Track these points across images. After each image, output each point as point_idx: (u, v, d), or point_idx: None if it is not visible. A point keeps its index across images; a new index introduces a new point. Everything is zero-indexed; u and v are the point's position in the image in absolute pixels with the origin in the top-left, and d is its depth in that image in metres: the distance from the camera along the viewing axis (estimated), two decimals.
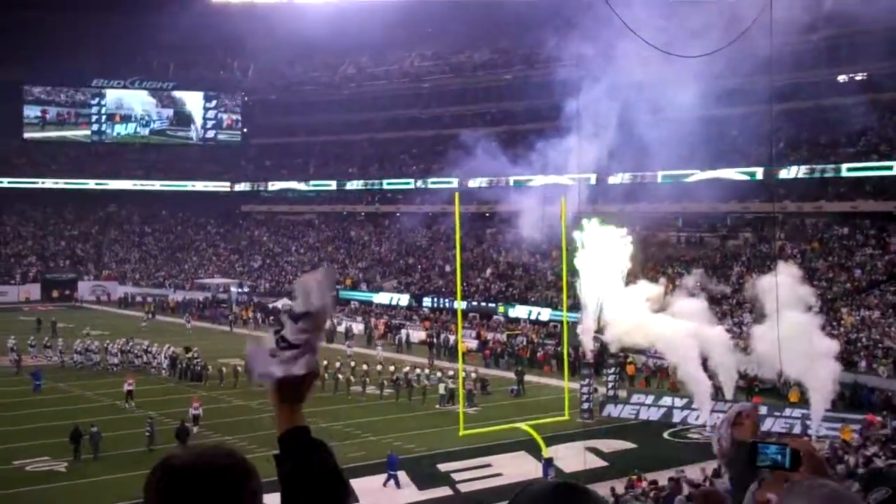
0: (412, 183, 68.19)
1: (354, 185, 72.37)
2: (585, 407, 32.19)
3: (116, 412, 31.74)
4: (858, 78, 50.52)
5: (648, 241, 48.35)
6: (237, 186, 78.91)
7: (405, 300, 55.96)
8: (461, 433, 25.37)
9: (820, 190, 48.04)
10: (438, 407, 33.53)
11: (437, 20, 66.44)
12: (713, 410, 30.37)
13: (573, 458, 25.30)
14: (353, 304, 57.57)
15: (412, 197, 67.44)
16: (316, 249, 70.36)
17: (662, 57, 28.14)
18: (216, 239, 76.96)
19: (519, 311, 49.87)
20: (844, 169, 47.27)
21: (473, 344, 45.38)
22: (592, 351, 34.26)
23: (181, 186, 78.00)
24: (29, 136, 79.12)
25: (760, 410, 30.20)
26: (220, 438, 27.01)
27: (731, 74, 41.22)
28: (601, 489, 19.16)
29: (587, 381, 32.75)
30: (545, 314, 47.96)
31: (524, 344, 44.44)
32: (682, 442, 29.64)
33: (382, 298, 56.98)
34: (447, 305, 51.92)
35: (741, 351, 31.74)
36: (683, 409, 31.94)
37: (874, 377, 34.22)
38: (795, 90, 47.23)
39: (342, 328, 50.52)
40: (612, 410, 33.00)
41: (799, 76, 47.38)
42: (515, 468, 25.14)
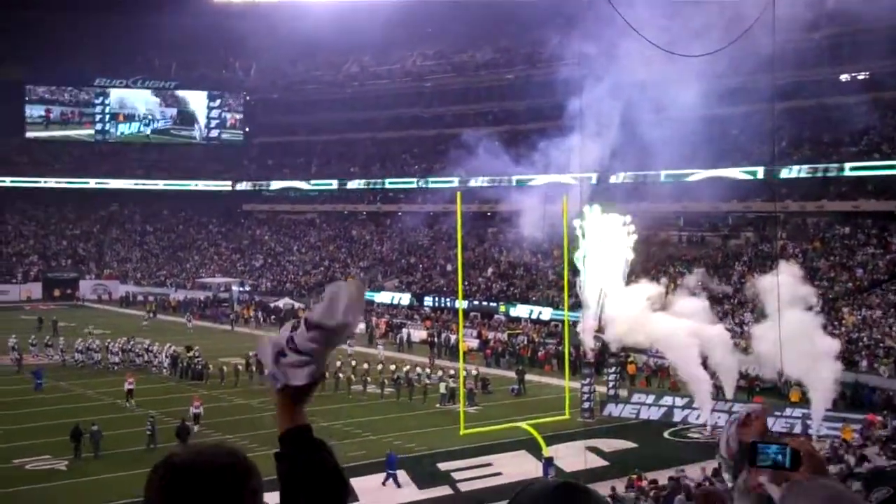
0: (414, 182, 68.19)
1: (356, 184, 72.36)
2: (586, 406, 32.14)
3: (117, 411, 31.76)
4: (861, 77, 50.51)
5: (650, 240, 48.30)
6: (239, 185, 78.89)
7: (406, 299, 55.95)
8: (462, 432, 25.35)
9: (821, 189, 48.00)
10: (439, 406, 33.51)
11: (439, 19, 66.42)
12: (714, 410, 30.36)
13: (574, 457, 25.29)
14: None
15: (414, 196, 67.44)
16: (317, 249, 70.39)
17: (665, 56, 28.13)
18: (218, 238, 76.98)
19: (520, 310, 49.84)
20: (848, 168, 47.23)
21: (474, 343, 45.35)
22: (593, 350, 34.21)
23: (183, 185, 78.00)
24: (33, 135, 79.12)
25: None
26: (220, 437, 27.01)
27: (733, 73, 41.15)
28: (602, 489, 19.16)
29: (588, 380, 32.69)
30: (546, 313, 47.93)
31: (525, 343, 44.41)
32: (682, 441, 29.61)
33: (384, 298, 56.96)
34: (448, 305, 51.89)
35: (742, 351, 31.71)
36: (684, 408, 31.91)
37: (875, 377, 34.20)
38: (798, 89, 47.18)
39: None
40: (612, 410, 32.96)
41: (801, 75, 47.33)
42: (516, 467, 25.11)
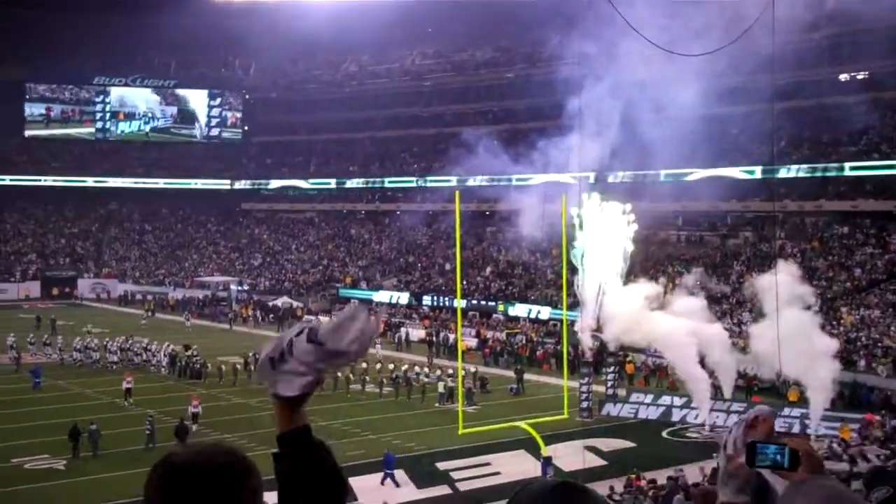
0: (413, 181, 68.16)
1: (355, 183, 72.34)
2: (584, 406, 32.13)
3: (115, 410, 31.74)
4: (860, 77, 50.51)
5: (649, 239, 48.27)
6: (237, 184, 78.87)
7: (405, 298, 55.92)
8: (460, 432, 25.36)
9: (820, 189, 48.00)
10: (438, 405, 33.50)
11: (438, 18, 66.38)
12: (712, 409, 30.37)
13: (572, 456, 25.30)
14: (352, 302, 57.62)
15: (413, 195, 67.42)
16: (316, 248, 70.37)
17: (664, 55, 28.11)
18: (216, 237, 76.94)
19: (518, 309, 49.82)
20: (847, 168, 47.21)
21: (473, 342, 45.33)
22: (591, 350, 34.17)
23: (181, 184, 77.93)
24: (34, 133, 79.03)
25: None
26: (219, 436, 27.00)
27: (733, 73, 41.11)
28: (600, 488, 19.17)
29: (586, 379, 32.68)
30: (545, 313, 47.91)
31: (524, 342, 44.42)
32: (680, 441, 29.60)
33: (382, 297, 56.97)
34: (447, 304, 51.88)
35: (740, 351, 31.69)
36: (682, 408, 31.91)
37: (873, 376, 34.22)
38: (797, 89, 47.17)
39: None
40: (611, 409, 32.94)
41: (801, 75, 47.33)
42: (514, 467, 25.11)
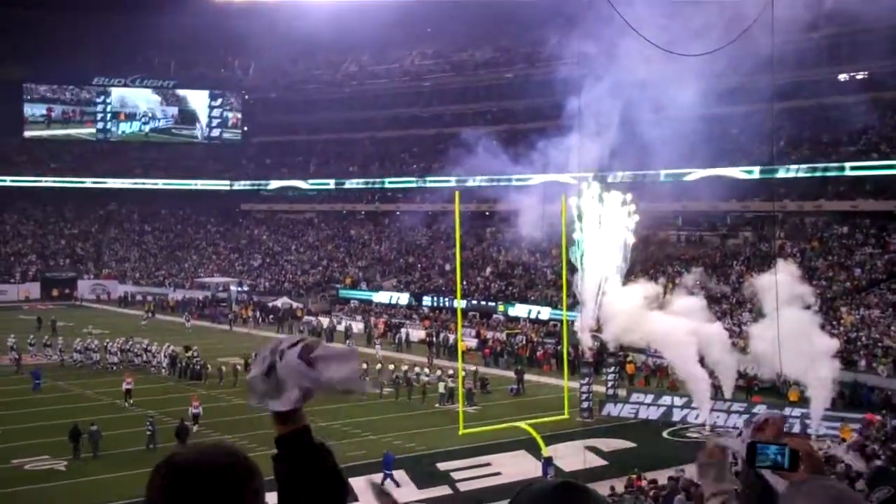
0: (413, 182, 68.13)
1: (355, 183, 72.32)
2: (585, 406, 32.13)
3: (116, 411, 31.74)
4: (860, 76, 50.49)
5: (649, 239, 48.27)
6: (237, 185, 78.86)
7: (405, 299, 55.91)
8: (461, 432, 25.36)
9: (820, 189, 47.99)
10: (438, 406, 33.49)
11: (438, 19, 66.35)
12: (712, 409, 30.36)
13: (573, 457, 25.29)
14: (352, 302, 57.60)
15: (412, 195, 67.41)
16: (316, 248, 70.36)
17: (664, 55, 28.10)
18: (216, 238, 76.92)
19: (519, 309, 49.81)
20: (848, 168, 47.18)
21: (473, 343, 45.32)
22: (591, 350, 34.16)
23: (181, 185, 77.91)
24: (34, 133, 78.98)
25: (759, 410, 30.20)
26: (219, 437, 26.99)
27: (732, 73, 41.10)
28: (601, 488, 19.15)
29: (587, 380, 32.66)
30: (545, 313, 47.90)
31: (524, 343, 44.40)
32: (681, 441, 29.58)
33: (382, 297, 56.95)
34: (447, 304, 51.87)
35: (740, 351, 31.68)
36: (683, 408, 31.90)
37: (874, 376, 34.21)
38: (797, 89, 47.16)
39: (342, 327, 50.67)
40: (611, 409, 32.93)
41: (800, 75, 47.32)
42: (515, 467, 25.11)
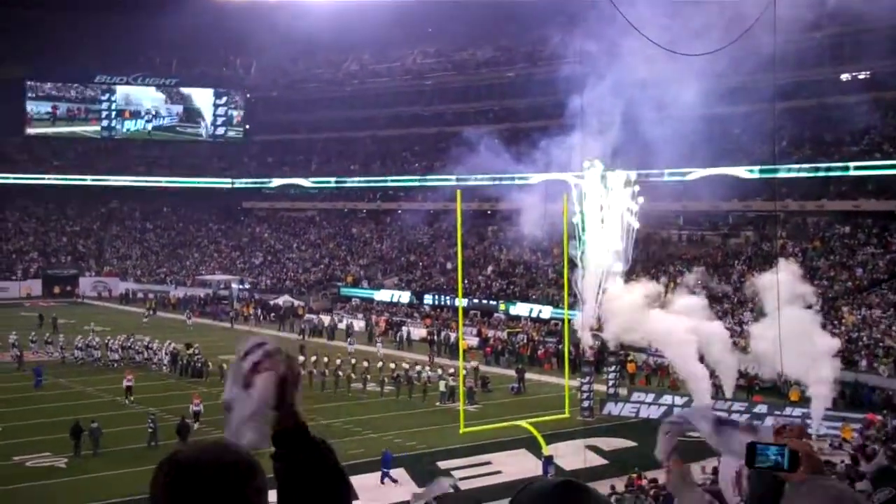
0: (414, 180, 68.10)
1: (356, 181, 72.31)
2: (586, 405, 32.13)
3: (117, 408, 31.79)
4: (862, 76, 50.41)
5: (650, 239, 48.26)
6: (239, 183, 78.89)
7: (406, 297, 55.92)
8: (461, 431, 25.37)
9: (822, 188, 47.94)
10: (439, 404, 33.51)
11: (439, 18, 66.29)
12: (713, 409, 30.28)
13: (573, 455, 25.30)
14: (354, 301, 57.63)
15: (414, 194, 67.38)
16: (317, 246, 70.37)
17: (666, 55, 28.06)
18: (217, 235, 76.95)
19: (520, 308, 49.81)
20: (852, 167, 47.07)
21: (474, 341, 45.33)
22: (592, 349, 34.15)
23: (183, 183, 77.94)
24: (39, 131, 79.01)
25: (760, 409, 30.20)
26: (220, 435, 26.94)
27: (734, 72, 41.04)
28: (601, 487, 19.15)
29: (587, 379, 32.66)
30: (546, 312, 47.88)
31: (525, 342, 44.40)
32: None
33: (383, 296, 56.97)
34: (448, 303, 51.87)
35: (741, 350, 31.65)
36: (684, 407, 31.84)
37: (875, 376, 34.20)
38: (798, 88, 47.13)
39: (343, 325, 50.72)
40: (612, 408, 32.94)
41: (802, 74, 47.28)
42: (515, 466, 25.12)
